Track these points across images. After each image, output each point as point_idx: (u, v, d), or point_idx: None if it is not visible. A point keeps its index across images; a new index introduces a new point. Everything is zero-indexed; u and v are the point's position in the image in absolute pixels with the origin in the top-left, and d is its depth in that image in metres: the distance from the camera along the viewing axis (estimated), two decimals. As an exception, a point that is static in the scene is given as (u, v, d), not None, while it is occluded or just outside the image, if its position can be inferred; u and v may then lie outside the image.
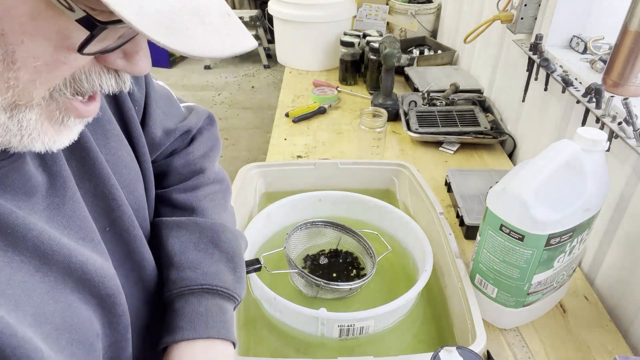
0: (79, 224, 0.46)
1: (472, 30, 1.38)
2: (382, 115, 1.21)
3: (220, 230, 0.62)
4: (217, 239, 0.61)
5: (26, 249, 0.40)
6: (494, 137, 1.33)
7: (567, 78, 1.00)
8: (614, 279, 0.89)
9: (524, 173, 0.70)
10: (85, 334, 0.44)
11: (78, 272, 0.43)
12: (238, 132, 3.32)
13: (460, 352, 0.55)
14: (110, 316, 0.48)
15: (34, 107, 0.36)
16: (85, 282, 0.44)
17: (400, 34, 2.11)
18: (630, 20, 0.87)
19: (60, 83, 0.36)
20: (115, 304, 0.48)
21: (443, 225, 0.88)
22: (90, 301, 0.45)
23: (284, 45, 2.00)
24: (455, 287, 0.79)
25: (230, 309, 0.59)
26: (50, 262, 0.41)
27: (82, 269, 0.44)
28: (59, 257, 0.42)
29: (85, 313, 0.45)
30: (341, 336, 0.75)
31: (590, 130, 0.70)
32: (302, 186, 1.05)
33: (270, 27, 4.01)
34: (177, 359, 0.54)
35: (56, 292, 0.42)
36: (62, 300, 0.42)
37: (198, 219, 0.62)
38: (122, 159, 0.53)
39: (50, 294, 0.41)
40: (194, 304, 0.56)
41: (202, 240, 0.60)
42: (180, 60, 4.47)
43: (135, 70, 0.38)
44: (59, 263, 0.42)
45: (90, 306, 0.46)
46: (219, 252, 0.61)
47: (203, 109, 0.73)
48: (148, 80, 0.61)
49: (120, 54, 0.37)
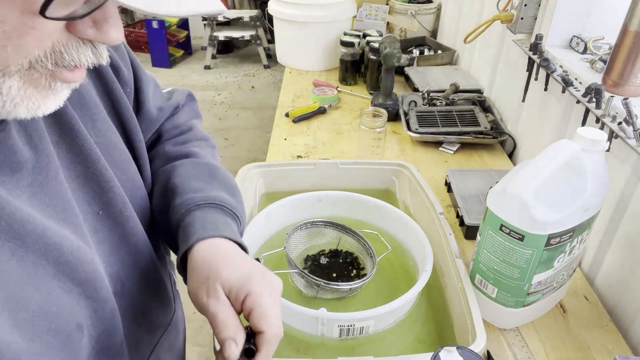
0: (61, 205, 0.45)
1: (472, 31, 1.38)
2: (382, 115, 1.21)
3: (215, 167, 0.65)
4: (214, 172, 0.64)
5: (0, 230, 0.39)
6: (494, 137, 1.33)
7: (567, 78, 1.00)
8: (614, 279, 0.89)
9: (524, 173, 0.70)
10: (64, 324, 0.43)
11: (55, 254, 0.42)
12: (238, 132, 3.32)
13: (460, 352, 0.55)
14: (95, 303, 0.47)
15: (13, 74, 0.35)
16: (63, 267, 0.43)
17: (400, 34, 2.11)
18: (630, 20, 0.87)
19: (40, 54, 0.36)
20: (98, 289, 0.47)
21: (443, 225, 0.88)
22: (73, 290, 0.45)
23: (284, 45, 2.00)
24: (455, 287, 0.79)
25: (235, 226, 0.59)
26: (25, 243, 0.40)
27: (57, 251, 0.43)
28: (33, 237, 0.41)
29: (67, 302, 0.44)
30: (341, 336, 0.75)
31: (590, 130, 0.70)
32: (302, 186, 1.05)
33: (270, 27, 4.00)
34: (200, 256, 0.53)
35: (35, 278, 0.41)
36: (42, 287, 0.42)
37: (193, 159, 0.65)
38: (111, 141, 0.53)
39: (29, 280, 0.41)
40: (202, 216, 0.56)
41: (199, 174, 0.62)
42: (180, 60, 4.47)
43: (107, 39, 0.38)
44: (33, 244, 0.41)
45: (73, 295, 0.45)
46: (217, 182, 0.62)
47: (183, 89, 0.76)
48: (136, 62, 0.62)
49: (90, 23, 0.37)
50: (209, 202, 0.58)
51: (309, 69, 1.95)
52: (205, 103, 3.72)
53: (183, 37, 4.50)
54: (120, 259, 0.52)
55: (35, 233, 0.41)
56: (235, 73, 4.27)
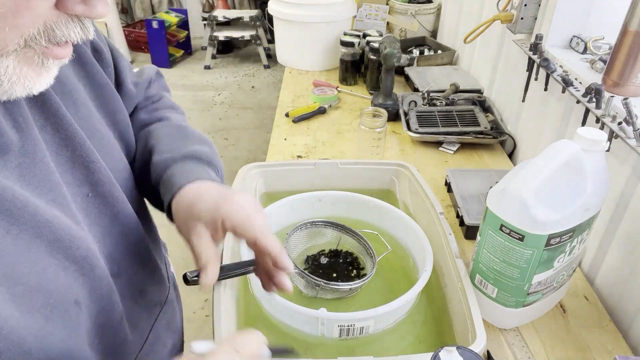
0: (49, 187, 0.46)
1: (472, 31, 1.38)
2: (382, 115, 1.21)
3: (186, 127, 0.70)
4: (186, 131, 0.69)
5: None
6: (494, 137, 1.33)
7: (567, 78, 1.00)
8: (614, 279, 0.89)
9: (524, 173, 0.70)
10: (61, 300, 0.45)
11: (47, 231, 0.44)
12: (238, 132, 3.32)
13: (460, 352, 0.55)
14: (91, 280, 0.49)
15: (10, 54, 0.37)
16: (57, 244, 0.45)
17: (400, 34, 2.11)
18: (630, 20, 0.87)
19: (34, 32, 0.37)
20: (93, 267, 0.49)
21: (443, 225, 0.88)
22: (69, 267, 0.46)
23: (284, 45, 2.00)
24: (455, 287, 0.79)
25: (213, 172, 0.64)
26: (18, 221, 0.42)
27: (50, 228, 0.44)
28: (25, 214, 0.42)
29: (64, 279, 0.45)
30: (341, 336, 0.75)
31: (590, 130, 0.70)
32: (302, 186, 1.05)
33: (270, 27, 4.01)
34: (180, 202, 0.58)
35: (31, 254, 0.42)
36: (38, 263, 0.43)
37: (165, 122, 0.70)
38: (93, 125, 0.55)
39: (25, 257, 0.42)
40: (181, 167, 0.62)
41: (173, 133, 0.67)
42: (180, 60, 4.47)
43: (94, 13, 0.39)
44: (27, 222, 0.42)
45: (70, 272, 0.46)
46: (190, 139, 0.67)
47: (151, 66, 0.79)
48: (110, 41, 0.64)
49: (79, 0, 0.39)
50: (186, 156, 0.63)
51: (309, 69, 1.95)
52: (205, 103, 3.72)
53: (183, 37, 4.50)
54: (113, 240, 0.54)
55: (27, 211, 0.42)
56: (235, 73, 4.27)
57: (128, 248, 0.56)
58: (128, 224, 0.56)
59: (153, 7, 4.83)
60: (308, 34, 1.88)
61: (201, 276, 0.57)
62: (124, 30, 4.37)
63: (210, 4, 4.50)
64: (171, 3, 4.84)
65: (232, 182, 0.97)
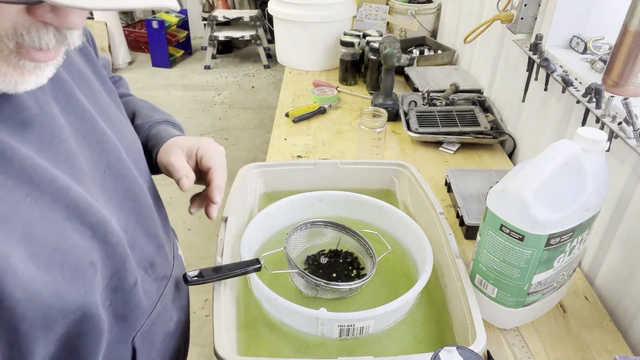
0: (65, 159, 0.50)
1: (472, 31, 1.38)
2: (382, 115, 1.21)
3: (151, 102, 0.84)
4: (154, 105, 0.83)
5: (13, 172, 0.43)
6: (494, 137, 1.33)
7: (567, 78, 1.00)
8: (614, 279, 0.89)
9: (524, 173, 0.70)
10: (77, 260, 0.48)
11: (65, 198, 0.47)
12: (238, 132, 3.32)
13: (460, 352, 0.55)
14: (106, 246, 0.52)
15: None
16: (74, 210, 0.48)
17: (400, 34, 2.11)
18: (630, 20, 0.87)
19: (2, 34, 0.38)
20: (108, 233, 0.52)
21: (443, 225, 0.88)
22: (85, 232, 0.49)
23: (284, 45, 2.00)
24: (455, 287, 0.79)
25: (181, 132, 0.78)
26: (37, 187, 0.45)
27: (67, 195, 0.47)
28: (44, 181, 0.45)
29: (80, 242, 0.48)
30: (341, 336, 0.75)
31: (590, 130, 0.70)
32: (302, 186, 1.05)
33: (270, 27, 4.01)
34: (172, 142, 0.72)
35: (49, 218, 0.45)
36: (55, 226, 0.46)
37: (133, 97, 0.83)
38: (105, 109, 0.60)
39: (44, 219, 0.45)
40: (164, 128, 0.75)
41: (147, 105, 0.81)
42: (180, 60, 4.47)
43: (65, 24, 0.40)
44: (46, 188, 0.45)
45: (86, 237, 0.49)
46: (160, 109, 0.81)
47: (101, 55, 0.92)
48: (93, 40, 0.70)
49: (48, 8, 0.39)
50: (164, 120, 0.78)
51: (309, 69, 1.95)
52: (205, 103, 3.72)
53: (183, 37, 4.50)
54: (126, 214, 0.58)
55: (46, 178, 0.46)
56: (235, 73, 4.27)
57: (138, 222, 0.60)
58: (138, 200, 0.61)
59: (153, 7, 4.83)
60: (308, 34, 1.88)
61: (182, 181, 0.67)
62: (124, 30, 4.37)
63: (210, 4, 4.50)
64: (171, 3, 4.83)
65: (232, 182, 0.97)
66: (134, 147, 0.65)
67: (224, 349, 0.65)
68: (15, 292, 0.41)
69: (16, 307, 0.41)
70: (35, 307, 0.43)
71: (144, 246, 0.61)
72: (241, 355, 0.73)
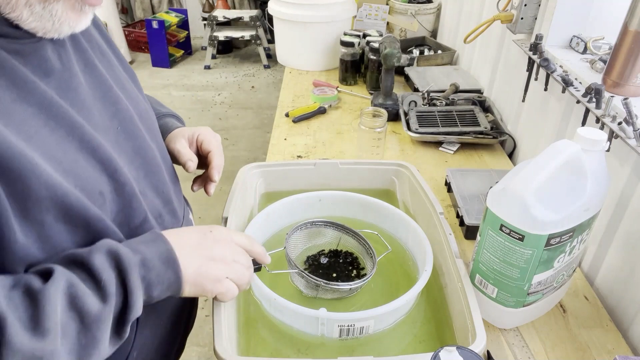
0: (79, 107, 0.56)
1: (472, 31, 1.38)
2: (382, 115, 1.21)
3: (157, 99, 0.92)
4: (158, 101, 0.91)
5: (34, 102, 0.50)
6: (494, 137, 1.33)
7: (567, 78, 1.00)
8: (614, 279, 0.89)
9: (524, 173, 0.70)
10: (89, 186, 0.54)
11: (78, 132, 0.54)
12: (238, 132, 3.32)
13: (460, 352, 0.55)
14: (114, 183, 0.57)
15: (60, 1, 0.50)
16: (85, 144, 0.54)
17: (400, 34, 2.11)
18: (630, 20, 0.87)
19: None
20: (117, 171, 0.57)
21: (443, 225, 0.88)
22: (96, 165, 0.55)
23: (284, 45, 2.00)
24: (455, 287, 0.79)
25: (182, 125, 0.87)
26: (54, 118, 0.52)
27: (80, 130, 0.54)
28: (60, 114, 0.52)
29: (91, 173, 0.55)
30: (341, 336, 0.75)
31: (590, 130, 0.70)
32: (302, 186, 1.05)
33: (270, 27, 4.01)
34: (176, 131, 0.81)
35: (64, 146, 0.52)
36: (70, 154, 0.53)
37: None
38: (120, 78, 0.67)
39: (60, 146, 0.52)
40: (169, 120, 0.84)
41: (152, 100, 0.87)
42: (180, 60, 4.47)
43: None
44: (61, 121, 0.52)
45: (96, 170, 0.55)
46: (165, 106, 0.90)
47: None
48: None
49: None
50: (169, 114, 0.87)
51: (309, 69, 1.95)
52: (205, 103, 3.72)
53: (183, 37, 4.50)
54: (136, 168, 0.64)
55: (62, 113, 0.53)
56: (235, 73, 4.27)
57: (147, 177, 0.66)
58: (148, 158, 0.66)
59: (153, 7, 4.83)
60: (308, 34, 1.88)
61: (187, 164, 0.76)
62: (124, 30, 4.37)
63: (210, 4, 4.50)
64: (171, 3, 4.84)
65: (232, 182, 0.97)
66: (147, 115, 0.71)
67: (224, 349, 0.65)
68: (41, 190, 0.48)
69: (42, 202, 0.48)
70: (58, 205, 0.50)
71: (152, 199, 0.66)
72: (241, 355, 0.73)
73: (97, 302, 0.50)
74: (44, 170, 0.48)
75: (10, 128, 0.47)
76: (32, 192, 0.47)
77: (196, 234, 0.63)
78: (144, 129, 0.67)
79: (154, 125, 0.73)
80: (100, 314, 0.50)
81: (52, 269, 0.49)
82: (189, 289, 0.59)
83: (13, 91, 0.49)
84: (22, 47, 0.51)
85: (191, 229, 0.65)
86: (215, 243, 0.63)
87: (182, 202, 0.79)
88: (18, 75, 0.50)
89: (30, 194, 0.47)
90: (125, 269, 0.53)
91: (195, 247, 0.61)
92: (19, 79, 0.50)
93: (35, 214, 0.49)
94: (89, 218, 0.53)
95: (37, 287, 0.47)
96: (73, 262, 0.52)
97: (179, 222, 0.73)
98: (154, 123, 0.74)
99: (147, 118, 0.71)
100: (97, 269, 0.51)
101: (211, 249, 0.62)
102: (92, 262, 0.51)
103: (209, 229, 0.65)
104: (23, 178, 0.46)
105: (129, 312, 0.53)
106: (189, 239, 0.61)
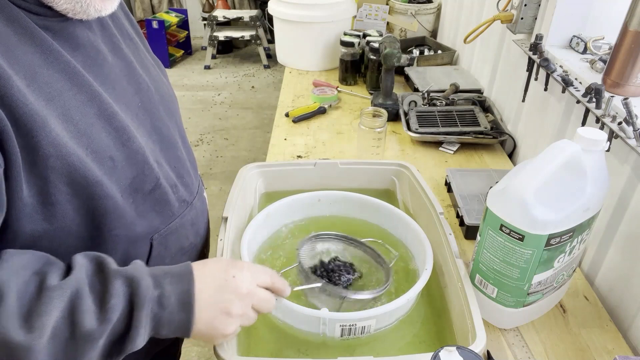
0: (102, 80, 0.61)
1: (472, 31, 1.38)
2: (382, 115, 1.21)
3: None
4: None
5: (60, 69, 0.55)
6: (494, 137, 1.33)
7: (567, 78, 1.00)
8: (614, 279, 0.89)
9: (524, 173, 0.70)
10: (100, 150, 0.58)
11: (97, 100, 0.58)
12: (238, 132, 3.32)
13: (460, 352, 0.55)
14: (127, 150, 0.61)
15: None
16: (103, 112, 0.58)
17: (400, 34, 2.11)
18: (630, 20, 0.87)
19: None
20: (130, 139, 0.61)
21: (443, 225, 0.88)
22: (110, 132, 0.59)
23: (284, 45, 2.00)
24: (455, 287, 0.79)
25: None
26: (76, 85, 0.56)
27: (99, 99, 0.58)
28: (82, 83, 0.57)
29: (105, 139, 0.58)
30: (343, 336, 0.75)
31: (590, 130, 0.70)
32: (302, 186, 1.05)
33: (270, 27, 4.00)
34: None
35: (83, 110, 0.56)
36: (87, 118, 0.57)
37: None
38: (145, 62, 0.72)
39: (79, 110, 0.56)
40: None
41: None
42: (180, 60, 4.47)
43: None
44: (83, 88, 0.57)
45: (110, 138, 0.59)
46: None
47: None
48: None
49: None
50: None
51: (309, 69, 1.95)
52: (205, 103, 3.72)
53: (183, 37, 4.50)
54: (153, 142, 0.68)
55: (84, 81, 0.57)
56: (235, 73, 4.27)
57: (162, 151, 0.70)
58: (164, 135, 0.70)
59: (153, 7, 4.83)
60: (308, 34, 1.88)
61: None
62: (124, 30, 4.36)
63: (210, 4, 4.50)
64: (171, 3, 4.84)
65: (232, 182, 0.97)
66: (169, 98, 0.75)
67: (224, 349, 0.65)
68: (48, 148, 0.52)
69: (48, 158, 0.52)
70: (63, 164, 0.53)
71: (167, 171, 0.70)
72: (241, 355, 0.73)
73: (94, 321, 0.51)
74: (53, 129, 0.52)
75: (31, 88, 0.51)
76: (40, 148, 0.51)
77: (220, 273, 0.61)
78: (163, 109, 0.72)
79: (174, 107, 0.77)
80: (92, 332, 0.51)
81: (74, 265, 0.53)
82: (197, 334, 0.59)
83: (41, 57, 0.54)
84: (52, 24, 0.56)
85: (217, 266, 0.62)
86: (236, 296, 0.60)
87: (198, 180, 0.82)
88: (46, 44, 0.54)
89: (38, 149, 0.51)
90: (137, 303, 0.53)
91: (215, 292, 0.59)
92: (46, 48, 0.54)
93: (40, 169, 0.52)
94: (88, 180, 0.56)
95: (48, 284, 0.50)
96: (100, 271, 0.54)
97: (192, 196, 0.77)
98: (174, 105, 0.77)
99: (168, 101, 0.75)
100: (110, 291, 0.52)
101: (230, 302, 0.60)
102: (110, 283, 0.53)
103: (232, 274, 0.61)
104: (34, 133, 0.51)
105: (128, 343, 0.53)
106: (213, 280, 0.60)
